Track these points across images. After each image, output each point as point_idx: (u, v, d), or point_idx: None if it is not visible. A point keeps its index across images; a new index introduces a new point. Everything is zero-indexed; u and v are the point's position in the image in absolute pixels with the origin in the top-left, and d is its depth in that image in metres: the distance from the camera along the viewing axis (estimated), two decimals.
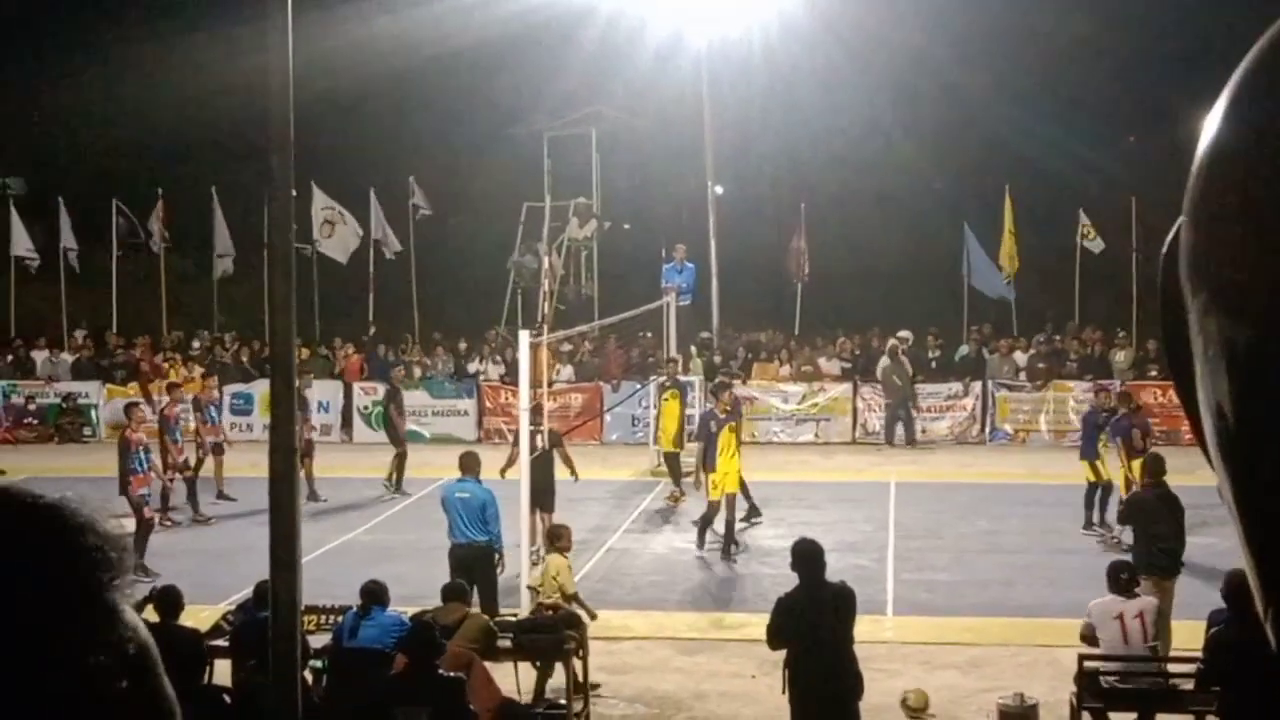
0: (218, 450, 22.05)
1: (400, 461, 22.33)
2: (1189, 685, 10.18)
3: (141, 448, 17.57)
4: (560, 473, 17.51)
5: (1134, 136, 43.49)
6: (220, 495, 21.58)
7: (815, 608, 9.60)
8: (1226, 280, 0.97)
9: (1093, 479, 18.29)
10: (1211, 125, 1.05)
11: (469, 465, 14.46)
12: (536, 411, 17.60)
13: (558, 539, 13.25)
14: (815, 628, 9.55)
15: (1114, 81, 40.10)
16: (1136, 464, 17.65)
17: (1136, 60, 39.95)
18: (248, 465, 20.35)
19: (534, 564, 17.33)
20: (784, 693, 9.68)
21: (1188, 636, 11.04)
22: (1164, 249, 1.13)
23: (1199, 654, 10.25)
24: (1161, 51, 39.89)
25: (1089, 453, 18.54)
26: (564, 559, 12.99)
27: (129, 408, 18.67)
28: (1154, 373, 26.87)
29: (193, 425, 22.10)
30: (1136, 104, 41.14)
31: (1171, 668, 10.70)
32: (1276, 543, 1.02)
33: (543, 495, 16.98)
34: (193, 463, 21.24)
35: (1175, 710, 10.73)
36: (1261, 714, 9.20)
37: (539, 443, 17.28)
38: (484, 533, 13.86)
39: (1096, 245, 30.11)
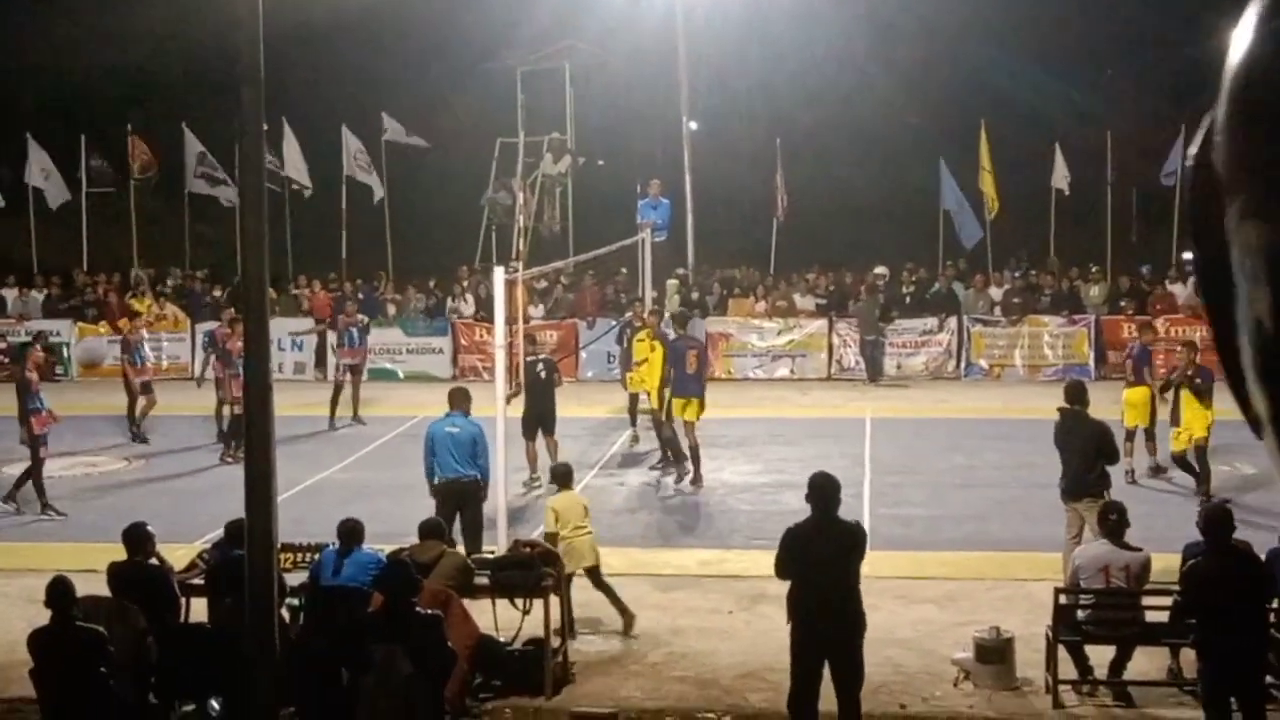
0: (146, 390, 21.87)
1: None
2: (1164, 617, 10.21)
3: (38, 388, 17.30)
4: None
5: (1110, 70, 43.35)
6: (136, 435, 21.51)
7: (825, 541, 9.55)
8: (1267, 183, 0.92)
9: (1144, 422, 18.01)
10: (1244, 35, 1.00)
11: (458, 400, 14.39)
12: (529, 339, 18.17)
13: (567, 478, 13.30)
14: (824, 562, 9.49)
15: (1089, 15, 39.93)
16: (1139, 392, 17.83)
17: None
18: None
19: (530, 489, 17.48)
20: (788, 623, 9.62)
21: (1161, 569, 11.08)
22: (1189, 161, 1.08)
23: (1174, 586, 10.28)
24: None
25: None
26: (578, 497, 13.15)
27: (23, 347, 18.48)
28: (1125, 305, 26.92)
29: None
30: (1112, 38, 41.01)
31: (1147, 600, 10.73)
32: None
33: (546, 419, 17.98)
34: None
35: (1151, 643, 10.79)
36: (1239, 644, 9.27)
37: (539, 370, 17.67)
38: (474, 467, 13.83)
39: (1065, 184, 30.04)
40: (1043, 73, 39.01)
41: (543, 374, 18.13)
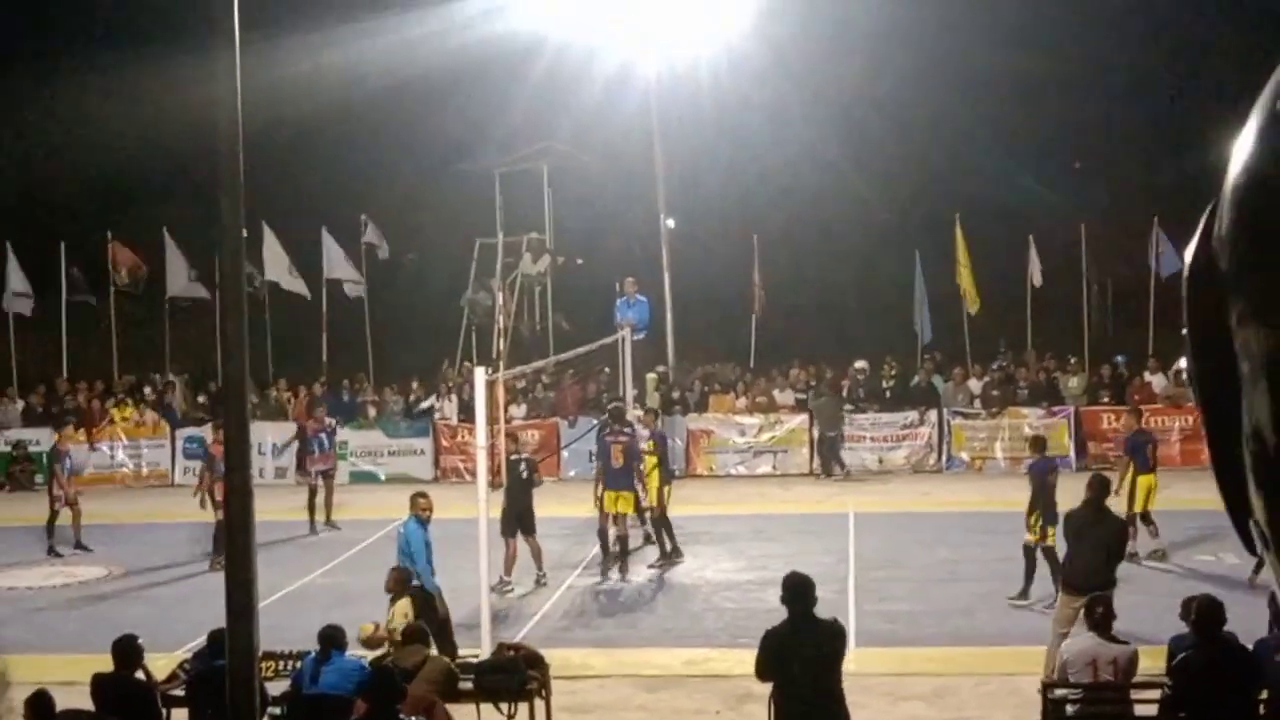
0: (72, 501, 21.47)
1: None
2: (1153, 711, 10.15)
3: None
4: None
5: (1079, 164, 43.97)
6: (78, 545, 21.23)
7: (804, 642, 9.51)
8: (1266, 292, 0.95)
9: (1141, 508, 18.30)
10: (1245, 146, 1.03)
11: (411, 503, 14.57)
12: (512, 438, 18.45)
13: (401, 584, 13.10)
14: (804, 662, 9.45)
15: (1059, 112, 40.56)
16: (1145, 479, 18.02)
17: (1081, 90, 40.43)
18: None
19: (505, 594, 17.40)
20: None
21: (1146, 662, 11.02)
22: (1186, 268, 1.10)
23: (1161, 678, 10.24)
24: (1105, 82, 40.39)
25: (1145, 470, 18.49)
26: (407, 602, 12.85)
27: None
28: (1105, 398, 27.09)
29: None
30: (1080, 134, 41.63)
31: (1135, 694, 10.67)
32: None
33: (525, 517, 18.02)
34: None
35: None
36: None
37: (520, 469, 17.74)
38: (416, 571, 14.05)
39: (1039, 276, 30.32)
40: (1014, 167, 39.54)
41: (524, 473, 18.16)
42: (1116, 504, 16.78)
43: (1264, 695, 9.81)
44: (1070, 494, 14.78)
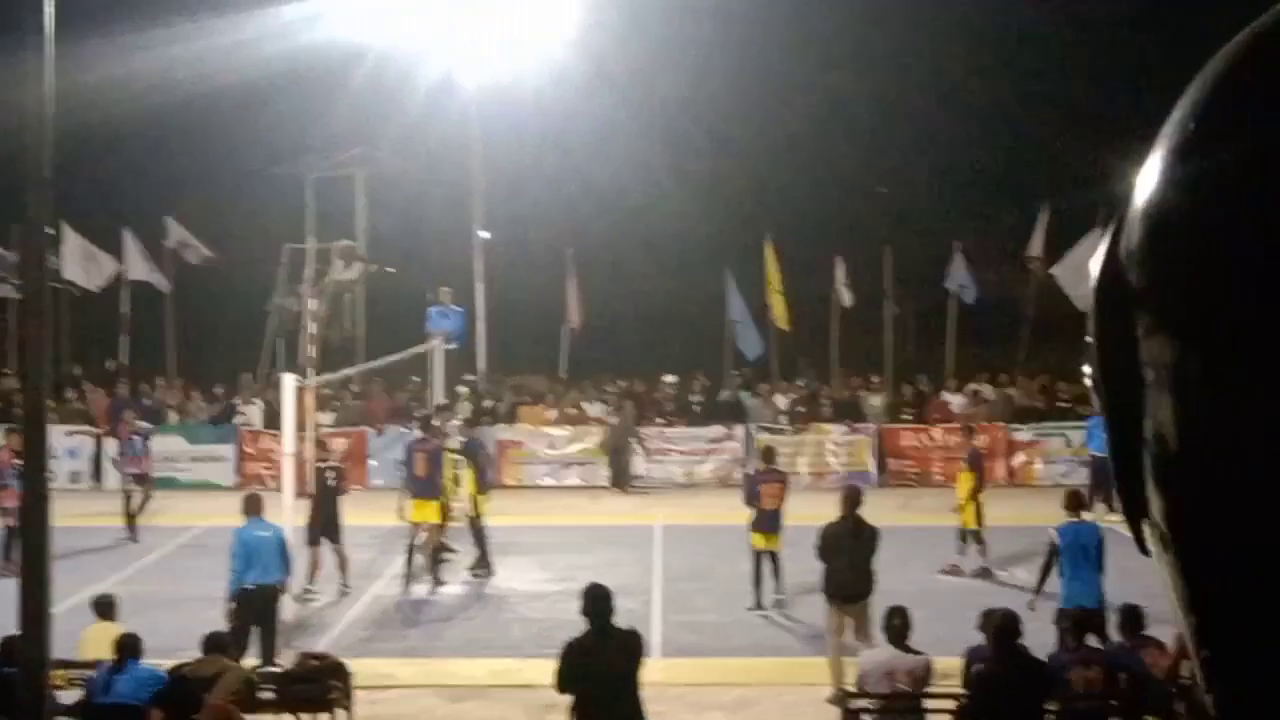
0: None
1: None
2: None
3: None
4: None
5: (885, 188, 45.08)
6: None
7: (604, 652, 9.61)
8: (1173, 311, 1.05)
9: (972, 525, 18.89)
10: (1152, 175, 1.13)
11: (256, 506, 14.34)
12: (321, 446, 18.29)
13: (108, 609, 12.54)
14: (604, 672, 9.55)
15: (867, 133, 41.56)
16: (981, 495, 18.64)
17: (889, 112, 41.49)
18: None
19: (308, 603, 17.15)
20: None
21: (938, 672, 11.35)
22: (1095, 281, 1.19)
23: (956, 689, 10.59)
24: (914, 108, 41.51)
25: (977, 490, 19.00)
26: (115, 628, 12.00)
27: None
28: (907, 416, 27.87)
29: None
30: (887, 155, 42.70)
31: (931, 704, 11.00)
32: (1209, 575, 1.08)
33: (330, 526, 17.79)
34: None
35: None
36: None
37: (327, 477, 17.54)
38: (280, 572, 13.96)
39: (847, 297, 31.03)
40: (825, 187, 40.40)
41: (331, 481, 17.96)
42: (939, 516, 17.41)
43: (1054, 707, 10.21)
44: (886, 513, 15.15)
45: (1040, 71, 40.92)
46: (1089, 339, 1.24)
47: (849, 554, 13.80)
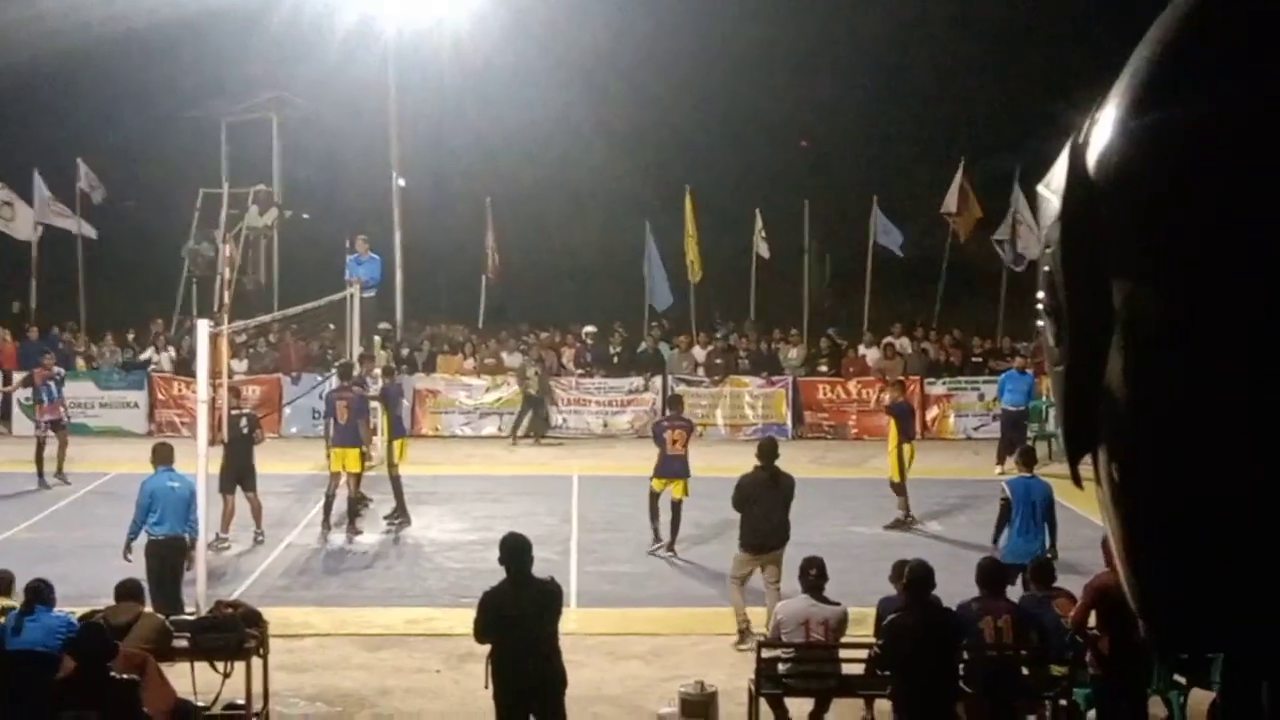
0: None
1: None
2: (860, 670, 10.61)
3: None
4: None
5: (806, 141, 45.22)
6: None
7: (521, 602, 9.62)
8: (1135, 259, 1.05)
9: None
10: (1105, 131, 1.12)
11: (167, 455, 14.11)
12: (234, 392, 18.18)
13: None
14: (521, 622, 9.57)
15: (788, 87, 41.61)
16: (908, 447, 18.77)
17: (809, 66, 41.56)
18: None
19: (222, 551, 16.99)
20: (486, 687, 9.65)
21: (852, 623, 11.47)
22: (1060, 210, 1.17)
23: (869, 639, 10.71)
24: (835, 61, 41.61)
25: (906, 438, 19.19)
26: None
27: None
28: (823, 369, 28.06)
29: None
30: (807, 109, 42.81)
31: (845, 653, 11.12)
32: (1151, 525, 1.09)
33: (245, 474, 17.69)
34: None
35: (848, 695, 11.17)
36: (933, 694, 9.73)
37: (242, 425, 17.39)
38: (186, 524, 13.70)
39: (765, 250, 31.09)
40: (745, 140, 40.42)
41: (245, 429, 17.79)
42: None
43: (965, 656, 10.37)
44: (800, 465, 15.27)
45: (960, 26, 41.17)
46: (1045, 268, 1.23)
47: (766, 504, 13.95)
